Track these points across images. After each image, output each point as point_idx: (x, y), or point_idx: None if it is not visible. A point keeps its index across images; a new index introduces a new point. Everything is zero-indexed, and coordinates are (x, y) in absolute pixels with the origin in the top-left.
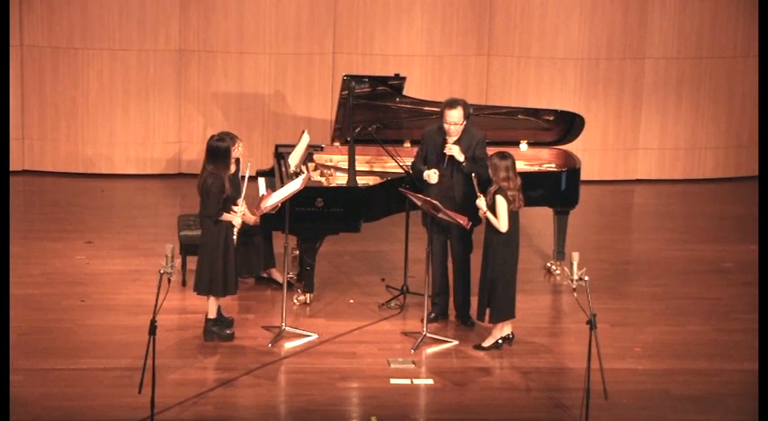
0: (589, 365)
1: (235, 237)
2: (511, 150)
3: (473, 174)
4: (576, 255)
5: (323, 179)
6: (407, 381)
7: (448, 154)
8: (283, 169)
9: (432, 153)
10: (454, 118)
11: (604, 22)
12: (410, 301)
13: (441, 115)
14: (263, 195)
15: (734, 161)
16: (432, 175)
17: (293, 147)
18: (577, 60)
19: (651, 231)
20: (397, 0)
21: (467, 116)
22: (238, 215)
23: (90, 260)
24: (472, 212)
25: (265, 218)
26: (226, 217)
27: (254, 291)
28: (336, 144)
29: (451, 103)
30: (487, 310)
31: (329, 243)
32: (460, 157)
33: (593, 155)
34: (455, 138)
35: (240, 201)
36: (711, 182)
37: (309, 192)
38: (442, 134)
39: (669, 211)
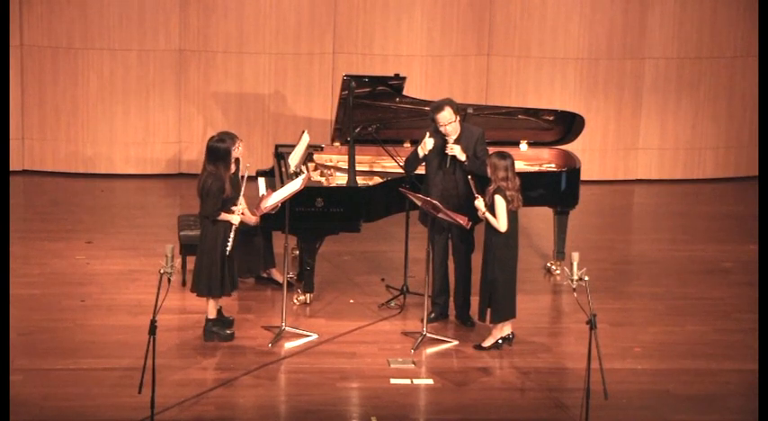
0: (589, 365)
1: (232, 236)
2: (511, 150)
3: (470, 176)
4: (575, 255)
5: (323, 179)
6: (407, 381)
7: (450, 154)
8: (283, 169)
9: (432, 156)
10: (446, 118)
11: (604, 22)
12: (410, 301)
13: (432, 122)
14: (263, 195)
15: (734, 161)
16: (427, 142)
17: (293, 147)
18: (577, 60)
19: (651, 231)
20: (397, 0)
21: (456, 112)
22: (237, 214)
23: (90, 260)
24: (474, 211)
25: (265, 218)
26: (224, 216)
27: (254, 291)
28: (336, 144)
29: (438, 107)
30: (488, 311)
31: (329, 243)
32: (462, 157)
33: (593, 155)
34: (455, 137)
35: (240, 200)
36: (711, 182)
37: (309, 192)
38: (441, 136)
39: (669, 211)
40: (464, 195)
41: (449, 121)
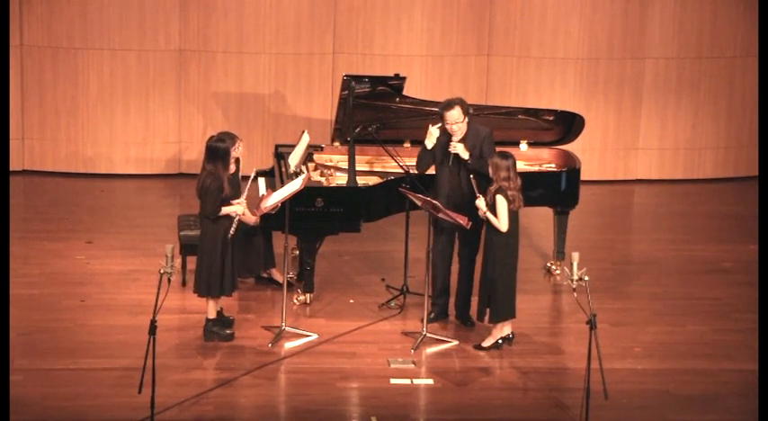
0: (589, 365)
1: (234, 224)
2: (511, 150)
3: (471, 176)
4: (575, 255)
5: (323, 179)
6: (407, 381)
7: (453, 152)
8: (283, 169)
9: (438, 153)
10: (454, 117)
11: (604, 22)
12: (410, 301)
13: (441, 119)
14: (263, 195)
15: (734, 161)
16: (432, 131)
17: (293, 147)
18: (577, 60)
19: (651, 231)
20: (397, 0)
21: (466, 112)
22: (239, 205)
23: (90, 260)
24: (475, 211)
25: (265, 218)
26: (226, 210)
27: (254, 291)
28: (336, 144)
29: (448, 105)
30: (487, 310)
31: (329, 243)
32: (465, 155)
33: (593, 155)
34: (459, 137)
35: (241, 198)
36: (711, 182)
37: (309, 192)
38: (448, 134)
39: (669, 211)
40: (468, 194)
41: (456, 121)
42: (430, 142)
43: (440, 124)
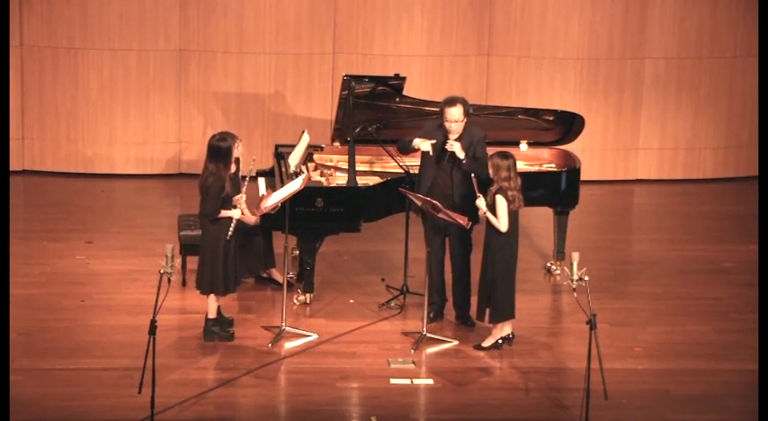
0: (589, 365)
1: (231, 231)
2: (511, 150)
3: (472, 175)
4: (575, 255)
5: (323, 179)
6: (407, 381)
7: (449, 150)
8: (283, 169)
9: (434, 149)
10: (455, 115)
11: (604, 22)
12: (410, 301)
13: (441, 114)
14: (263, 195)
15: (734, 161)
16: (423, 144)
17: (293, 147)
18: (577, 60)
19: (651, 231)
20: (397, 0)
21: (466, 113)
22: (238, 209)
23: (90, 260)
24: (470, 211)
25: (265, 218)
26: (225, 213)
27: (254, 290)
28: (336, 144)
29: (451, 101)
30: (487, 310)
31: (329, 243)
32: (461, 154)
33: (593, 155)
34: (456, 136)
35: (241, 195)
36: (711, 182)
37: (309, 192)
38: (442, 132)
39: (669, 211)
40: (460, 195)
41: (456, 119)
42: (414, 146)
43: (423, 140)
